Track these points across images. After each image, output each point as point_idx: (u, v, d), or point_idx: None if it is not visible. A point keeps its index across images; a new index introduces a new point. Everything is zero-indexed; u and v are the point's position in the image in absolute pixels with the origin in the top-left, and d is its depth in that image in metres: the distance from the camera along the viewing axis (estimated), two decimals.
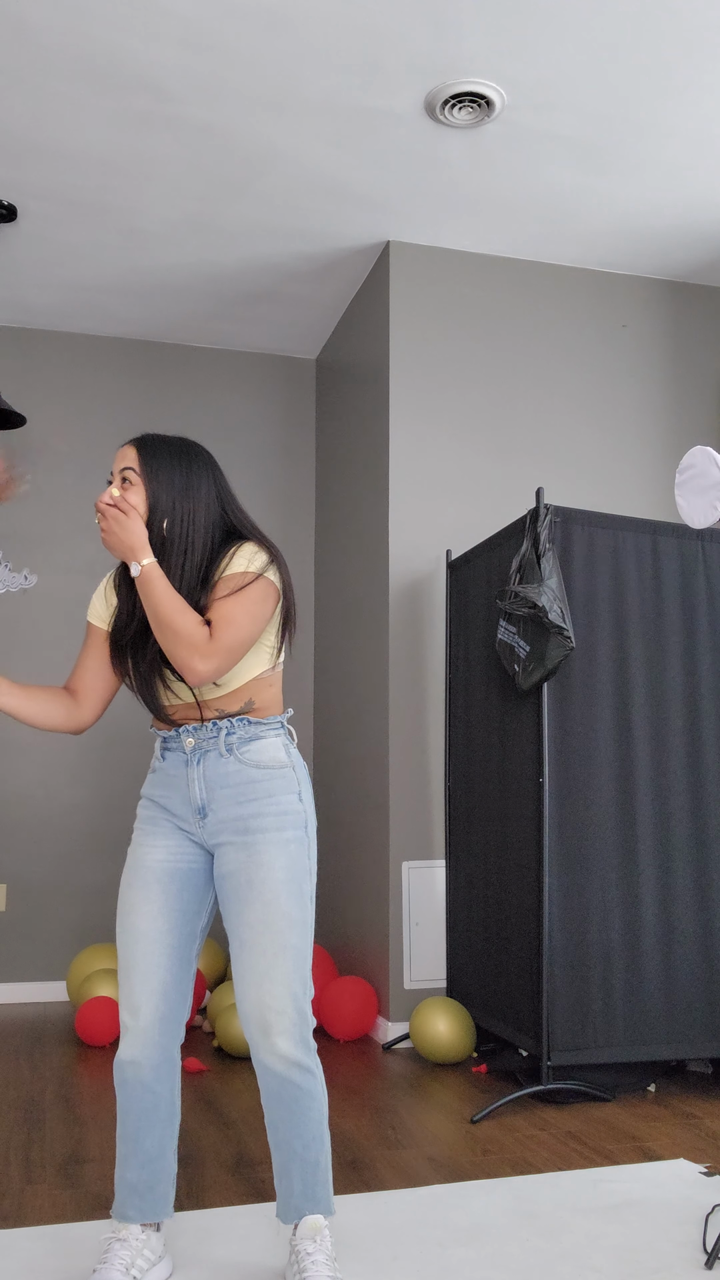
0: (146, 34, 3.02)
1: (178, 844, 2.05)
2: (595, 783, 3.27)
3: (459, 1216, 2.36)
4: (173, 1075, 2.05)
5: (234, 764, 2.02)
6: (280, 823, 2.00)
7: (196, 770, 2.03)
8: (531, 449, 4.30)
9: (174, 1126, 2.06)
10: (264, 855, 1.98)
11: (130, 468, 2.01)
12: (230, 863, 2.00)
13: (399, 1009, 3.92)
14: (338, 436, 4.87)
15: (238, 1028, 3.60)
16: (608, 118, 3.41)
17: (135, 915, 2.02)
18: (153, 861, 2.04)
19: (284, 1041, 1.95)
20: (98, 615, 2.14)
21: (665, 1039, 3.23)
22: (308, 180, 3.77)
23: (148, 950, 2.00)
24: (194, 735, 2.03)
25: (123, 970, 2.02)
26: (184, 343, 5.16)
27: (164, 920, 2.02)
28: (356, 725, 4.41)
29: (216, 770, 2.02)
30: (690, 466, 2.19)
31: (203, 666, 1.91)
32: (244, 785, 2.02)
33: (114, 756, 4.87)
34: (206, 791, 2.02)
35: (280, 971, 1.95)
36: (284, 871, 1.98)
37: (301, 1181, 1.99)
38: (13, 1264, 2.12)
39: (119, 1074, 2.03)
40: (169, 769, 2.07)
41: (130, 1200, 2.02)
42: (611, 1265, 2.12)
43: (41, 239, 4.16)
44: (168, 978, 2.01)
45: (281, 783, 2.03)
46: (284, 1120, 1.98)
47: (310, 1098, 1.98)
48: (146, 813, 2.10)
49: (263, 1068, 1.98)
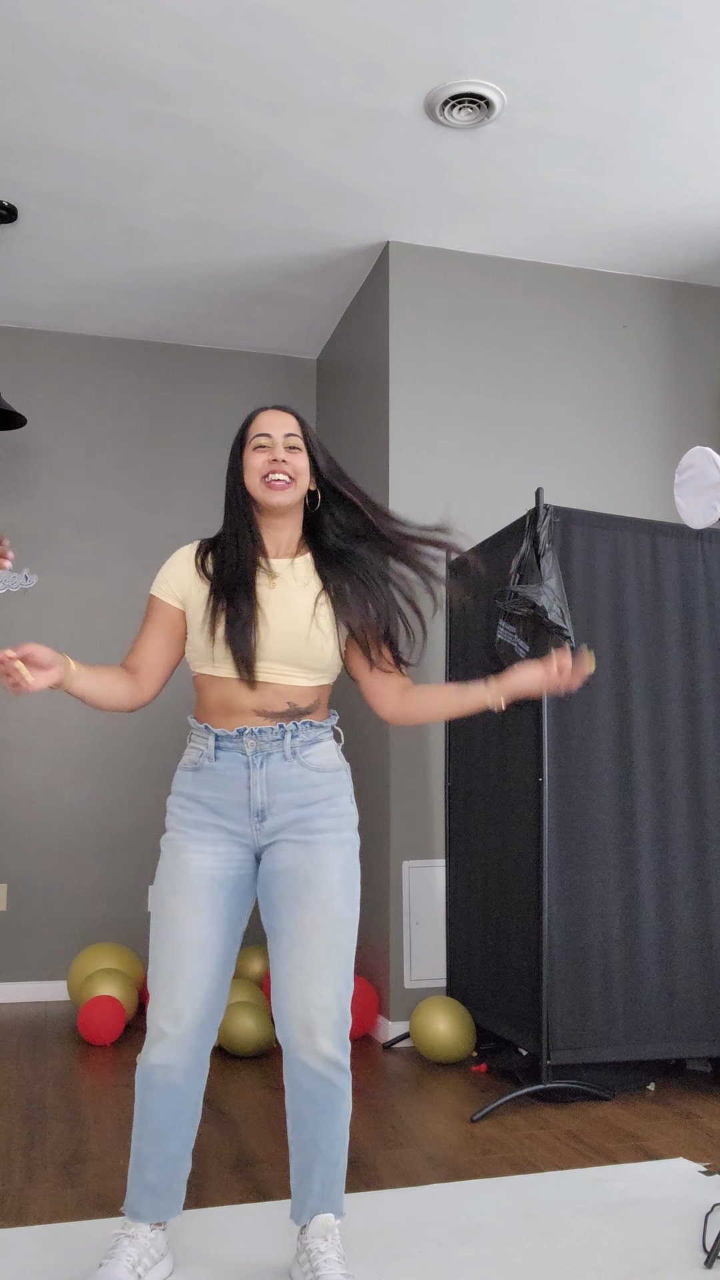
0: (147, 35, 3.03)
1: (226, 850, 2.01)
2: (595, 782, 3.27)
3: (458, 1216, 2.36)
4: (202, 1078, 2.04)
5: (296, 767, 2.02)
6: (339, 824, 2.02)
7: (259, 773, 2.00)
8: (531, 449, 4.31)
9: (195, 1127, 2.06)
10: (323, 856, 1.98)
11: (295, 434, 2.07)
12: (285, 860, 1.99)
13: (399, 1008, 3.92)
14: (338, 436, 4.87)
15: (239, 1027, 3.61)
16: (608, 118, 3.41)
17: (182, 924, 1.97)
18: (201, 868, 1.99)
19: (326, 1041, 1.95)
20: (171, 594, 2.09)
21: (665, 1038, 3.23)
22: (308, 181, 3.77)
23: (194, 959, 1.97)
24: (257, 738, 2.01)
25: (163, 977, 1.98)
26: (184, 343, 5.16)
27: (212, 929, 1.99)
28: (357, 725, 4.42)
29: (280, 774, 2.01)
30: (690, 467, 2.19)
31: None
32: (306, 789, 2.01)
33: (115, 756, 4.87)
34: (268, 794, 2.00)
35: (329, 972, 1.95)
36: (340, 873, 1.99)
37: (322, 1182, 2.00)
38: (13, 1263, 2.12)
39: (145, 1076, 2.00)
40: (223, 769, 2.02)
41: (145, 1199, 2.02)
42: (611, 1264, 2.12)
43: (41, 239, 4.17)
44: (210, 986, 1.99)
45: (340, 785, 2.05)
46: (315, 1119, 1.98)
47: (344, 1098, 1.99)
48: (189, 815, 2.03)
49: (301, 1066, 1.97)
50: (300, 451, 2.07)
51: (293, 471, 2.05)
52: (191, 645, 2.07)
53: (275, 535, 2.10)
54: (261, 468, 2.04)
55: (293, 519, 2.11)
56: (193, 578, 2.08)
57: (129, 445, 5.06)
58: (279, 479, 2.04)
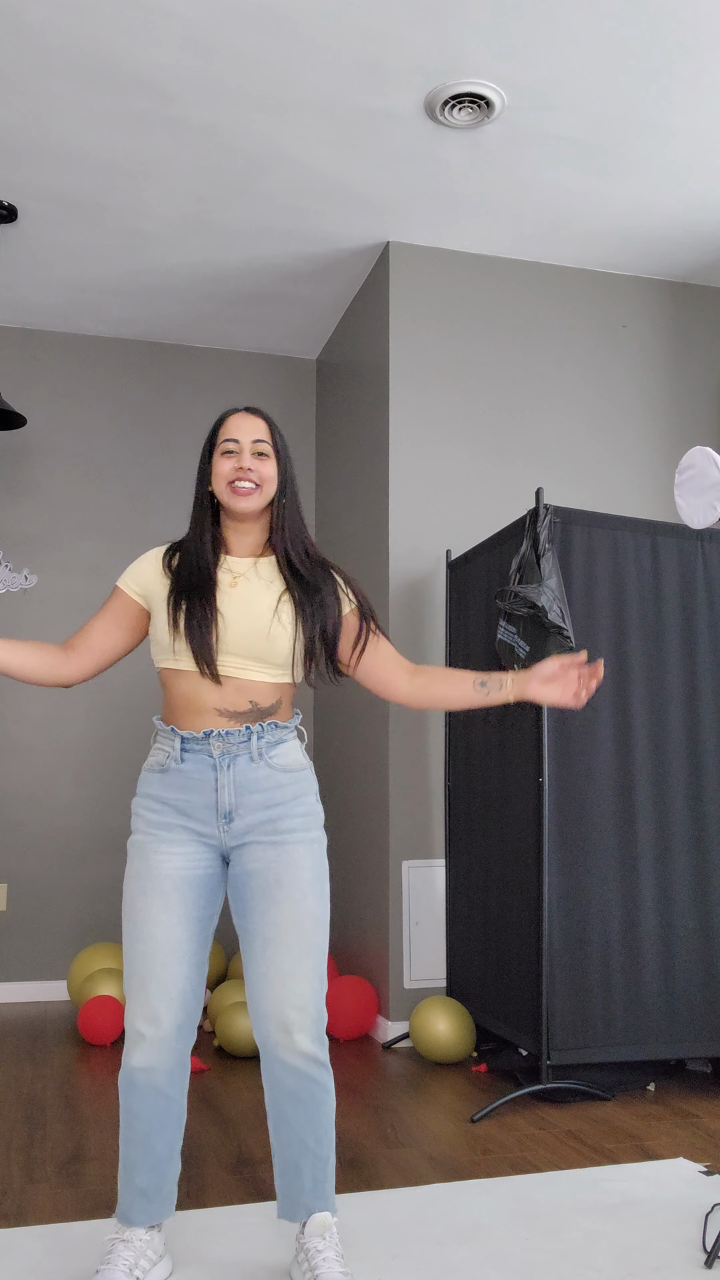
0: (147, 35, 3.03)
1: (194, 850, 2.03)
2: (595, 782, 3.27)
3: (458, 1216, 2.36)
4: (184, 1078, 2.05)
5: (264, 769, 2.03)
6: (306, 823, 2.04)
7: (226, 775, 2.02)
8: (531, 449, 4.31)
9: (182, 1128, 2.07)
10: (293, 855, 2.00)
11: (264, 440, 2.08)
12: (256, 861, 2.01)
13: (399, 1008, 3.92)
14: (338, 437, 4.87)
15: (238, 1027, 3.61)
16: (608, 118, 3.41)
17: (153, 925, 1.99)
18: (170, 869, 2.01)
19: (303, 1038, 1.97)
20: (132, 588, 2.11)
21: (664, 1038, 3.23)
22: (308, 180, 3.77)
23: (167, 960, 1.98)
24: (223, 740, 2.02)
25: (138, 980, 1.99)
26: (184, 343, 5.16)
27: (182, 929, 2.00)
28: (357, 725, 4.42)
29: (247, 775, 2.02)
30: (690, 467, 2.19)
31: None
32: (273, 789, 2.03)
33: (114, 756, 4.87)
34: (235, 796, 2.01)
35: (304, 970, 1.97)
36: (310, 871, 2.01)
37: (312, 1178, 2.01)
38: (13, 1263, 2.12)
39: (128, 1079, 2.01)
40: (190, 771, 2.03)
41: (137, 1203, 2.02)
42: (611, 1264, 2.12)
43: (41, 239, 4.17)
44: (186, 986, 2.00)
45: (305, 784, 2.07)
46: (298, 1116, 1.99)
47: (326, 1092, 2.01)
48: (156, 816, 2.04)
49: (280, 1064, 1.98)
50: (268, 458, 2.09)
51: (259, 479, 2.07)
52: (155, 640, 2.09)
53: (241, 539, 2.13)
54: (228, 474, 2.07)
55: (259, 523, 2.14)
56: (158, 574, 2.11)
57: (129, 445, 5.06)
58: (245, 485, 2.06)
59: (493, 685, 2.08)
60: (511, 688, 2.07)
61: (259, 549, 2.15)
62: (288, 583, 2.09)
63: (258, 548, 2.14)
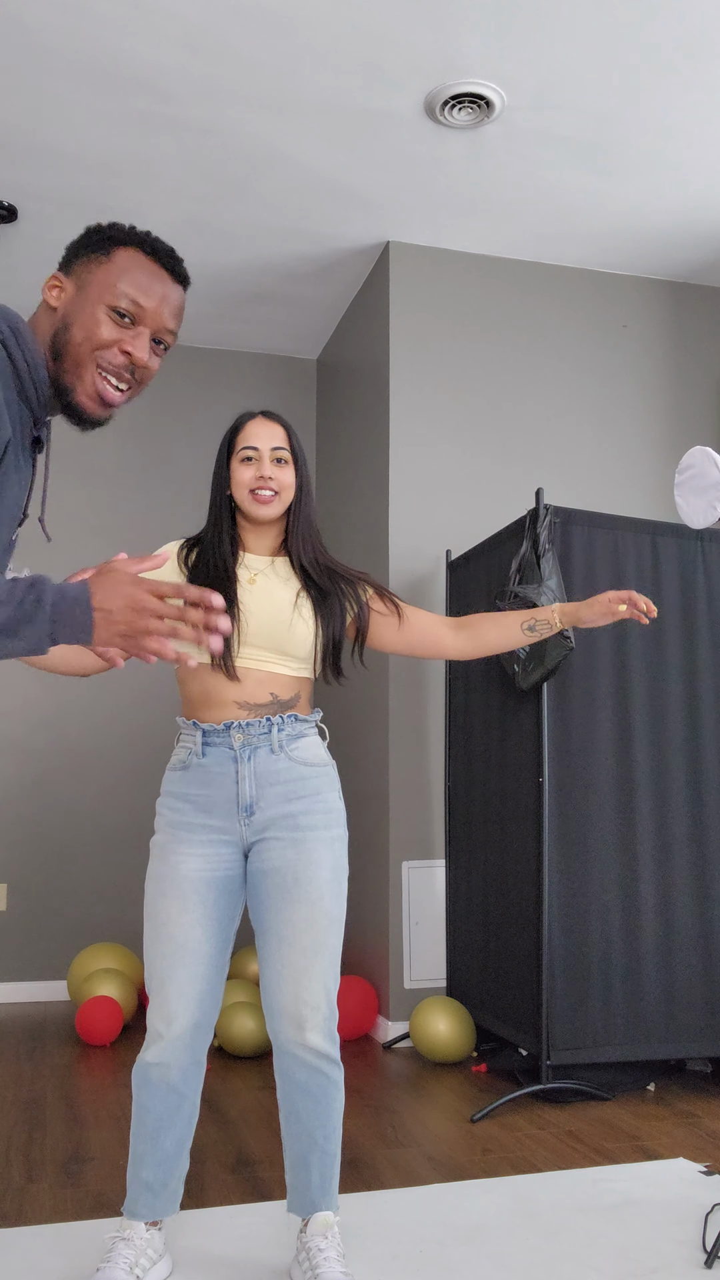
0: (147, 35, 3.03)
1: (215, 851, 2.03)
2: (595, 782, 3.27)
3: (459, 1216, 2.36)
4: (199, 1077, 2.06)
5: (284, 760, 2.03)
6: (327, 820, 2.04)
7: (247, 767, 2.02)
8: (531, 449, 4.31)
9: (193, 1126, 2.08)
10: (313, 853, 2.00)
11: (283, 447, 2.10)
12: (275, 858, 2.01)
13: (399, 1008, 3.92)
14: (338, 436, 4.87)
15: (238, 1027, 3.61)
16: (608, 118, 3.41)
17: (173, 927, 2.00)
18: (189, 871, 2.01)
19: (316, 1035, 1.99)
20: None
21: (664, 1038, 3.23)
22: (308, 181, 3.77)
23: (186, 962, 2.00)
24: (244, 731, 2.02)
25: (157, 980, 2.01)
26: (184, 343, 5.16)
27: (201, 930, 2.01)
28: (357, 725, 4.42)
29: (268, 767, 2.03)
30: (690, 466, 2.19)
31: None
32: (294, 782, 2.03)
33: (114, 756, 4.87)
34: (256, 789, 2.02)
35: (318, 969, 1.99)
36: (329, 870, 2.02)
37: (320, 1174, 2.03)
38: (13, 1263, 2.12)
39: (142, 1074, 2.03)
40: (211, 765, 2.04)
41: (143, 1198, 2.03)
42: (611, 1264, 2.12)
43: (41, 239, 4.17)
44: (204, 987, 2.01)
45: (327, 780, 2.08)
46: (309, 1112, 2.01)
47: (336, 1089, 2.03)
48: (178, 816, 2.04)
49: (293, 1060, 2.00)
50: (287, 464, 2.11)
51: (279, 486, 2.09)
52: None
53: (259, 539, 2.15)
54: (249, 482, 2.08)
55: (276, 526, 2.16)
56: (173, 569, 2.12)
57: (129, 445, 5.06)
58: (265, 493, 2.08)
59: (541, 628, 2.14)
60: (560, 623, 2.13)
61: (275, 549, 2.17)
62: (304, 581, 2.12)
63: (274, 548, 2.17)
